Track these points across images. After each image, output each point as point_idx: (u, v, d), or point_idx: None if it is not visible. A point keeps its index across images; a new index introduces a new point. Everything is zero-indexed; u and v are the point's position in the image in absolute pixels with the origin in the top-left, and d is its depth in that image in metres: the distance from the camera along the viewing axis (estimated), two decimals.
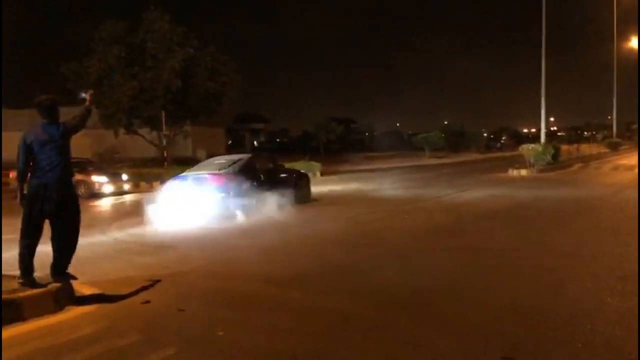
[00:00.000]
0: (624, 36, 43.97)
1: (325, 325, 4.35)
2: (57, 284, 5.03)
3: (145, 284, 5.67)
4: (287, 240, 8.18)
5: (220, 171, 10.97)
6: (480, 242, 7.78)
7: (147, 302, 5.09)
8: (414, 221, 10.04)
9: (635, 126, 59.81)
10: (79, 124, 5.39)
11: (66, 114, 5.47)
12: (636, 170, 21.11)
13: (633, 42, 45.46)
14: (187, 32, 24.95)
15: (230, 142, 54.45)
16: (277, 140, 73.04)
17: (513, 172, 20.71)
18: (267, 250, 7.45)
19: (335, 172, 24.83)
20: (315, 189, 15.36)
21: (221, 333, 4.21)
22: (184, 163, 22.69)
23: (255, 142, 60.61)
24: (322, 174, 22.60)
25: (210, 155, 25.77)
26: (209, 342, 4.06)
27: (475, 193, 14.17)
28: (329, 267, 6.42)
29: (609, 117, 45.56)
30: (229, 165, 11.23)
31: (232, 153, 42.57)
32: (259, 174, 11.46)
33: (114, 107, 24.85)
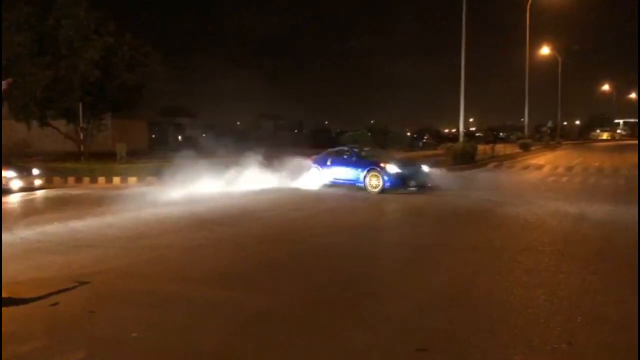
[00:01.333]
0: (536, 42, 46.98)
1: (245, 324, 4.31)
2: None
3: (55, 285, 5.35)
4: (214, 238, 8.03)
5: None
6: (398, 238, 8.03)
7: (56, 304, 4.81)
8: (337, 217, 10.17)
9: (544, 128, 64.11)
10: None
11: None
12: (544, 170, 22.66)
13: (544, 50, 48.67)
14: (103, 19, 23.73)
15: (153, 136, 52.57)
16: (204, 135, 71.47)
17: (433, 171, 21.52)
18: (192, 249, 7.27)
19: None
20: (238, 187, 15.19)
21: (135, 334, 4.06)
22: (103, 157, 21.68)
23: (180, 137, 58.88)
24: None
25: (131, 150, 24.74)
26: (121, 344, 3.90)
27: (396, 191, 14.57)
28: (255, 265, 6.37)
29: (522, 120, 48.49)
30: None
31: (154, 147, 41.01)
32: None
33: (26, 98, 23.21)
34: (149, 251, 7.10)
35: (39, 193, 15.58)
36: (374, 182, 13.84)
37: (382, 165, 13.96)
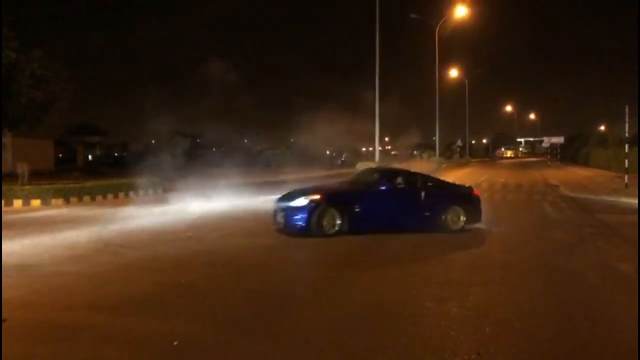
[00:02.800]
0: (446, 65, 49.72)
1: (157, 353, 4.10)
2: None
3: None
4: (121, 263, 7.62)
5: None
6: (321, 254, 8.04)
7: None
8: (245, 238, 10.05)
9: (454, 147, 67.67)
10: None
11: None
12: None
13: (452, 72, 51.63)
14: (6, 33, 22.22)
15: (60, 155, 49.61)
16: (116, 154, 68.53)
17: None
18: (97, 275, 6.85)
19: (178, 189, 23.88)
20: (153, 209, 14.64)
21: None
22: (3, 179, 20.04)
23: (89, 156, 55.96)
24: (164, 191, 21.60)
25: (35, 170, 23.10)
26: None
27: None
28: (165, 290, 6.11)
29: (433, 139, 50.88)
30: None
31: (61, 167, 38.56)
32: None
33: None
34: (52, 278, 6.61)
35: None
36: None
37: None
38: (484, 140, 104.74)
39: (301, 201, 9.69)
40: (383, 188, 10.32)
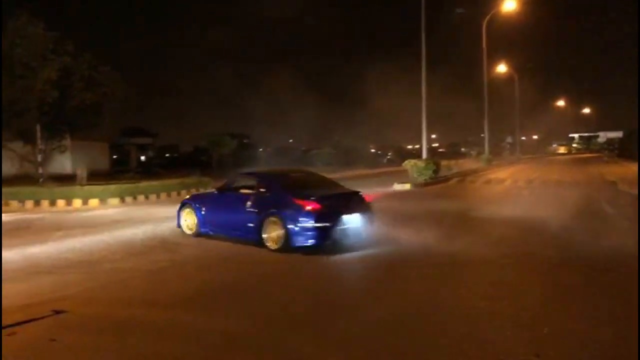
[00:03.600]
0: (494, 60, 48.45)
1: (211, 349, 4.21)
2: None
3: (13, 314, 5.12)
4: (176, 260, 7.86)
5: None
6: (369, 258, 8.02)
7: (14, 333, 4.60)
8: None
9: (503, 144, 66.02)
10: None
11: None
12: (505, 183, 23.25)
13: (501, 67, 50.27)
14: (61, 39, 23.28)
15: (115, 157, 51.52)
16: (167, 155, 70.50)
17: (397, 187, 21.74)
18: (154, 272, 7.10)
19: None
20: None
21: None
22: (62, 180, 21.05)
23: (142, 157, 57.83)
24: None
25: (92, 171, 24.14)
26: None
27: None
28: (218, 287, 6.26)
29: (482, 135, 49.77)
30: None
31: (116, 168, 40.09)
32: None
33: None
34: (111, 275, 6.90)
35: None
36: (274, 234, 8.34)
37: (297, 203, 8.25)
38: (535, 137, 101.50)
39: None
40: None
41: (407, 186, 21.67)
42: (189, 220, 9.87)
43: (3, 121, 22.69)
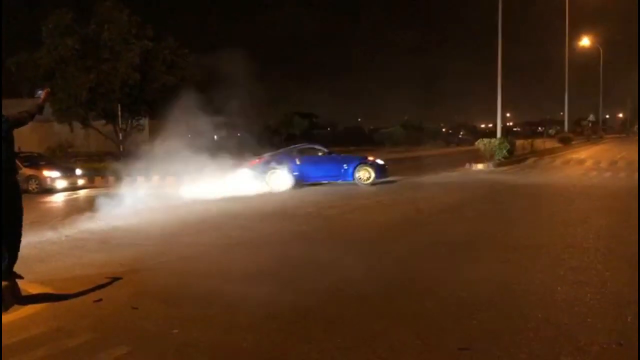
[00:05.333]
0: (576, 33, 45.52)
1: (283, 321, 4.31)
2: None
3: (98, 282, 5.49)
4: (248, 236, 8.09)
5: None
6: (441, 235, 7.88)
7: (100, 300, 4.93)
8: (378, 213, 10.09)
9: (585, 122, 62.23)
10: (26, 119, 5.19)
11: (10, 106, 5.23)
12: (586, 164, 21.96)
13: (584, 41, 47.12)
14: (143, 23, 24.30)
15: (189, 136, 53.53)
16: (239, 134, 72.48)
17: (471, 167, 21.11)
18: (229, 247, 7.35)
19: None
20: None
21: (176, 331, 4.11)
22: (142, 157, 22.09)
23: (215, 136, 59.69)
24: None
25: (167, 149, 25.13)
26: (163, 340, 3.96)
27: (432, 188, 14.37)
28: (290, 262, 6.38)
29: (561, 114, 47.21)
30: None
31: (190, 146, 41.42)
32: None
33: (70, 101, 23.96)
34: (189, 248, 7.22)
35: (82, 192, 16.07)
36: (364, 175, 14.92)
37: (370, 159, 15.81)
38: (620, 115, 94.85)
39: None
40: None
41: (480, 166, 21.01)
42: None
43: (91, 102, 24.08)
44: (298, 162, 15.19)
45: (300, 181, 14.95)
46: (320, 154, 15.76)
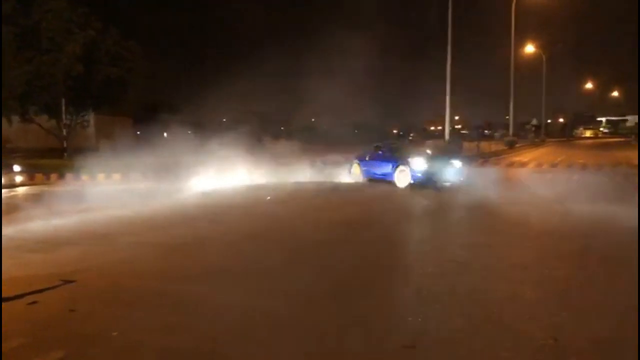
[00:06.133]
0: (521, 40, 47.20)
1: (230, 322, 4.23)
2: None
3: (35, 283, 5.23)
4: (198, 235, 7.92)
5: None
6: (395, 234, 7.98)
7: (35, 302, 4.70)
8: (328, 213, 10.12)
9: (528, 126, 64.73)
10: None
11: None
12: (528, 167, 22.84)
13: (528, 48, 48.99)
14: (88, 14, 23.43)
15: (138, 132, 52.11)
16: (189, 132, 71.16)
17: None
18: (174, 246, 7.17)
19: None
20: (227, 184, 15.09)
21: (115, 333, 3.97)
22: (86, 154, 21.32)
23: (165, 134, 58.36)
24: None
25: (114, 145, 24.37)
26: (101, 343, 3.81)
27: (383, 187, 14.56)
28: (239, 262, 6.29)
29: (507, 117, 48.85)
30: None
31: (140, 143, 40.45)
32: None
33: (5, 93, 22.79)
34: (133, 248, 6.99)
35: (20, 190, 15.32)
36: (402, 177, 14.26)
37: (409, 160, 14.34)
38: (561, 120, 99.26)
39: None
40: None
41: None
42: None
43: (29, 95, 22.99)
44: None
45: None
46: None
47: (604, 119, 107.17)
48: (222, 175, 15.13)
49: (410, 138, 63.75)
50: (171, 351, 3.71)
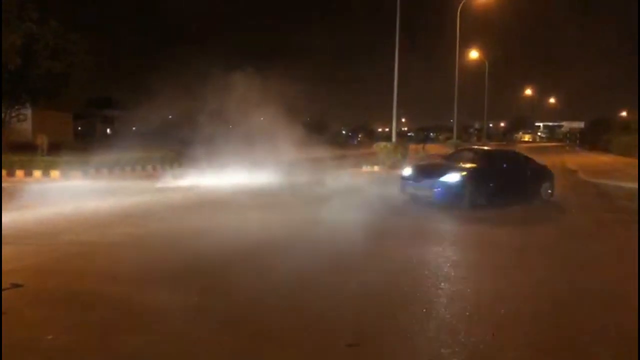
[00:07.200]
0: (466, 47, 48.71)
1: (171, 324, 4.15)
2: None
3: None
4: (138, 234, 7.71)
5: None
6: (335, 233, 8.03)
7: None
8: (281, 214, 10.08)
9: (471, 130, 66.99)
10: None
11: None
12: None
13: (472, 54, 50.61)
14: (25, 5, 22.28)
15: (79, 128, 50.12)
16: (134, 128, 69.19)
17: (367, 168, 21.93)
18: (115, 245, 6.94)
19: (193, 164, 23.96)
20: (170, 183, 14.79)
21: (50, 337, 3.80)
22: (22, 149, 20.31)
23: (108, 130, 56.40)
24: (180, 165, 21.73)
25: (54, 142, 23.32)
26: (35, 347, 3.64)
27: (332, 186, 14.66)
28: (181, 262, 6.16)
29: (451, 121, 50.35)
30: None
31: (81, 140, 38.87)
32: None
33: None
34: (70, 247, 6.72)
35: None
36: None
37: None
38: (502, 124, 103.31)
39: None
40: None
41: (376, 168, 21.86)
42: None
43: None
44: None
45: None
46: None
47: (541, 125, 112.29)
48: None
49: (359, 139, 64.61)
50: (108, 353, 3.59)
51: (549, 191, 12.04)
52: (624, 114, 56.38)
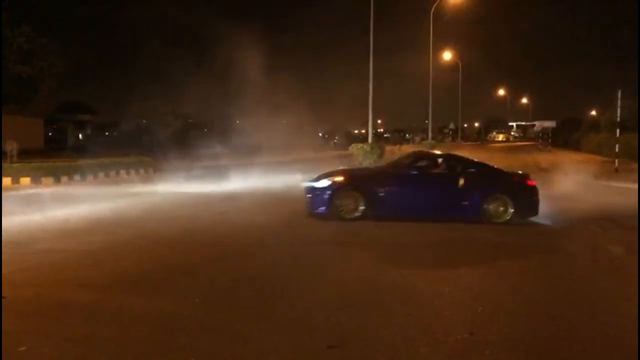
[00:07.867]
0: (440, 48, 49.28)
1: (149, 330, 4.08)
2: None
3: None
4: (113, 241, 7.57)
5: None
6: (304, 235, 8.03)
7: None
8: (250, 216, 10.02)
9: (446, 130, 67.82)
10: None
11: None
12: None
13: (446, 55, 51.24)
14: None
15: (50, 134, 49.12)
16: (107, 133, 67.96)
17: None
18: (89, 253, 6.80)
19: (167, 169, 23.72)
20: (144, 188, 14.57)
21: (24, 348, 3.70)
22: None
23: (80, 135, 55.39)
24: (154, 170, 21.46)
25: (24, 148, 22.78)
26: (7, 358, 3.54)
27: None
28: (158, 268, 6.08)
29: (426, 122, 50.84)
30: None
31: (51, 146, 38.01)
32: None
33: None
34: (43, 256, 6.55)
35: None
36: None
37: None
38: (476, 124, 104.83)
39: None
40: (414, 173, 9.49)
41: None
42: None
43: None
44: None
45: None
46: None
47: (514, 124, 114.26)
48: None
49: (336, 141, 64.71)
50: None
51: (512, 210, 9.07)
52: (593, 113, 57.76)
